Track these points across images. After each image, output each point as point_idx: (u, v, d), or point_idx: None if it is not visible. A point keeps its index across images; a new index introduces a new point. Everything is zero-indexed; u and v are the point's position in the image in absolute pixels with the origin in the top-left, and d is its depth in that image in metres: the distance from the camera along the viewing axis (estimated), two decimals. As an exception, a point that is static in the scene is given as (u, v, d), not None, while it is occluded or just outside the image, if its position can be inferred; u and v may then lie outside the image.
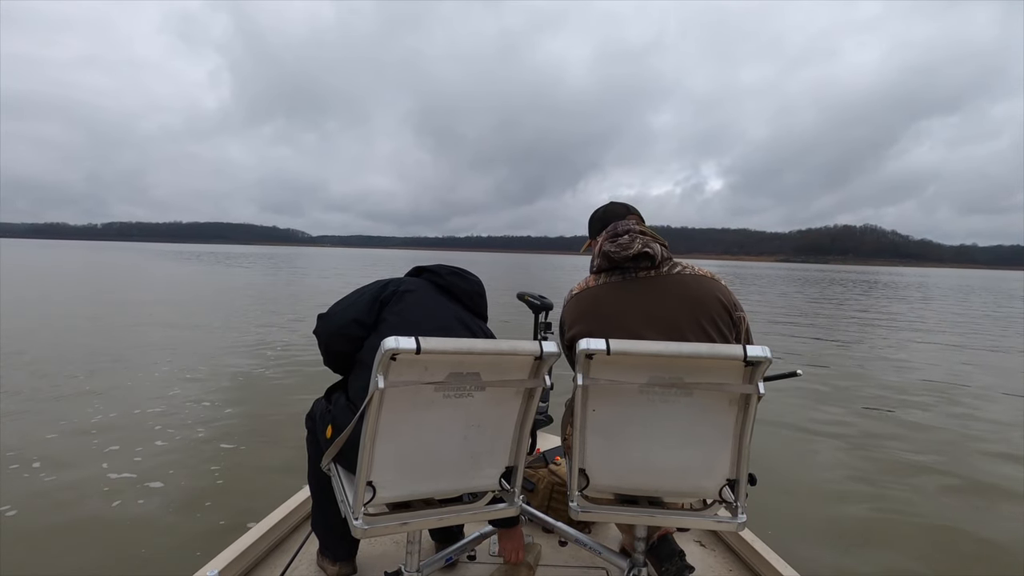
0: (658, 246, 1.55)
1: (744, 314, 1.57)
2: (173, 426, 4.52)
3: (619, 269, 1.57)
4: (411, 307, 1.56)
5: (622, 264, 1.56)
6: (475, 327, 1.64)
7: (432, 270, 1.73)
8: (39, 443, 4.03)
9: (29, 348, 7.33)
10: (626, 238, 1.56)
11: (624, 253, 1.53)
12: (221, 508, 3.17)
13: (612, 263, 1.57)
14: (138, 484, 3.43)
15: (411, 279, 1.70)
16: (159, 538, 2.82)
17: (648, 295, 1.52)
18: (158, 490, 3.37)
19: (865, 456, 4.47)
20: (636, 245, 1.53)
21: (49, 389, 5.49)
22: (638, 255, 1.53)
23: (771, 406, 5.62)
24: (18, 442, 4.03)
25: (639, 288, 1.53)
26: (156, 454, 3.93)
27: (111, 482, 3.45)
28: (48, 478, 3.47)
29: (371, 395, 1.11)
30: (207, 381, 6.12)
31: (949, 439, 5.00)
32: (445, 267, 1.74)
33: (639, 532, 1.53)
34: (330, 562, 1.78)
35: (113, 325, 9.74)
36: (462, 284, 1.69)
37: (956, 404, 6.27)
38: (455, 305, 1.65)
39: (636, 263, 1.55)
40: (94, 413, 4.74)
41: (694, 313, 1.48)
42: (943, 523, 3.36)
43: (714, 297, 1.51)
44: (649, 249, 1.53)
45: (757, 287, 30.94)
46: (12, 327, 8.87)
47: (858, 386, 7.06)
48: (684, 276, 1.54)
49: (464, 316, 1.64)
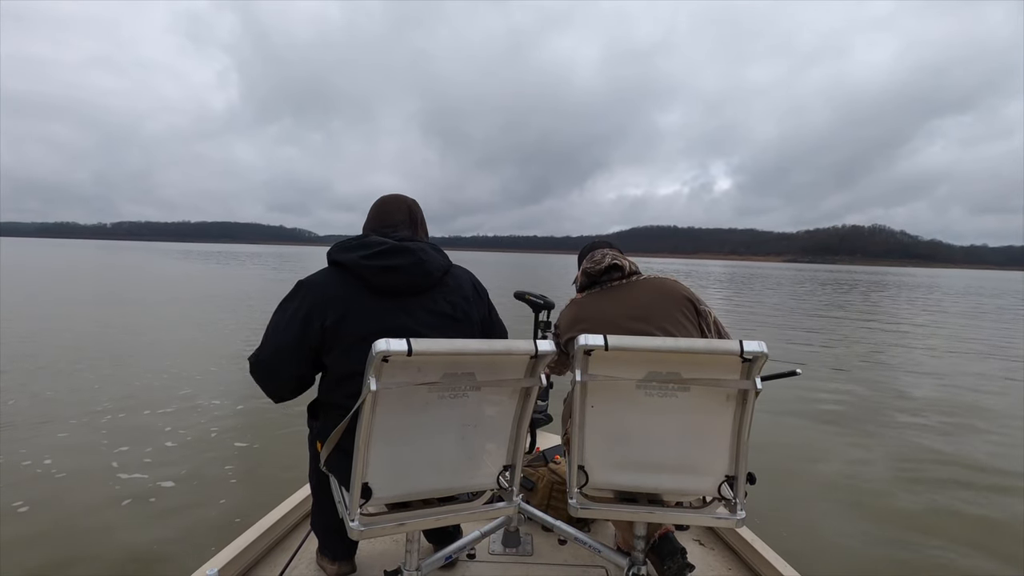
0: (626, 262, 1.87)
1: (708, 308, 1.82)
2: (185, 426, 4.57)
3: (597, 283, 1.87)
4: (354, 342, 1.39)
5: (599, 278, 1.86)
6: (447, 308, 1.52)
7: (354, 271, 1.47)
8: (51, 441, 4.09)
9: (39, 349, 7.41)
10: (598, 256, 1.90)
11: (598, 267, 1.86)
12: (235, 506, 3.20)
13: (590, 278, 1.88)
14: (151, 483, 3.48)
15: (334, 293, 1.45)
16: (173, 536, 2.86)
17: (625, 297, 1.80)
18: (169, 489, 3.41)
19: (866, 456, 4.46)
20: (607, 260, 1.86)
21: (60, 386, 5.55)
22: (609, 267, 1.85)
23: (772, 405, 5.62)
24: (31, 439, 4.09)
25: (616, 293, 1.82)
26: (167, 453, 3.97)
27: (122, 481, 3.50)
28: (59, 475, 3.52)
29: (363, 397, 1.10)
30: (218, 379, 6.18)
31: (949, 438, 4.98)
32: (368, 263, 1.46)
33: (639, 530, 1.54)
34: (329, 561, 1.77)
35: (124, 324, 9.82)
36: (396, 280, 1.47)
37: (962, 405, 6.23)
38: (410, 300, 1.49)
39: (609, 275, 1.86)
40: (103, 412, 4.80)
41: (666, 306, 1.74)
42: (943, 523, 3.36)
43: (679, 294, 1.79)
44: (618, 262, 1.85)
45: (754, 289, 30.73)
46: (27, 328, 8.97)
47: (858, 385, 7.04)
48: (650, 279, 1.85)
49: (428, 307, 1.49)
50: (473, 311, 1.60)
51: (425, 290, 1.51)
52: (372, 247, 1.48)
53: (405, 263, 1.47)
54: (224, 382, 6.07)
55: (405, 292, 1.49)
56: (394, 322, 1.44)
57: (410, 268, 1.48)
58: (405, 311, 1.47)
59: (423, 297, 1.51)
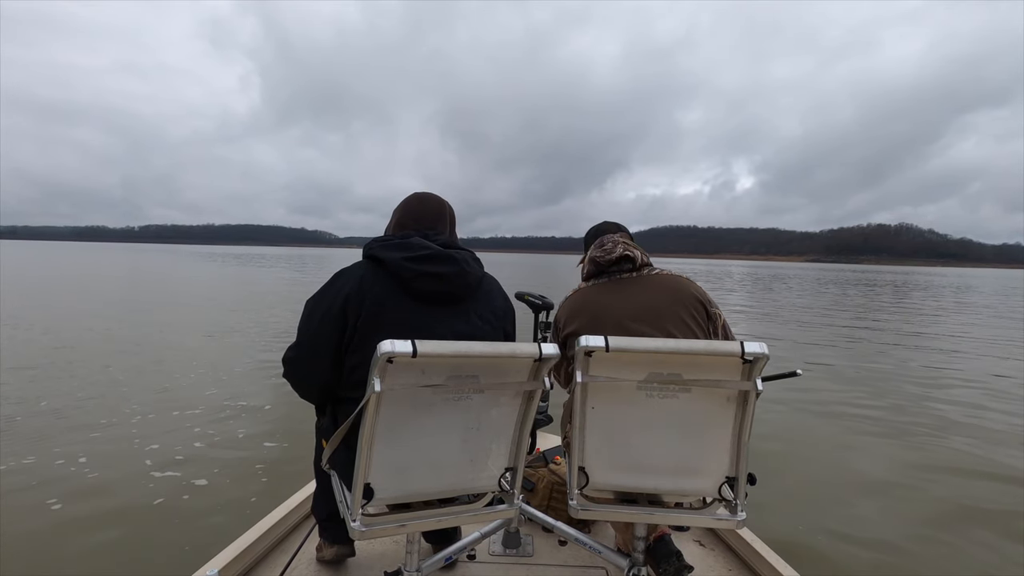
0: (637, 251, 1.76)
1: (719, 311, 1.73)
2: (213, 425, 4.68)
3: (605, 273, 1.77)
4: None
5: (607, 268, 1.76)
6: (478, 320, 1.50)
7: (393, 270, 1.44)
8: (84, 440, 4.23)
9: (77, 352, 7.62)
10: (609, 245, 1.78)
11: (608, 257, 1.74)
12: (266, 505, 3.26)
13: (599, 268, 1.77)
14: (183, 481, 3.57)
15: (370, 288, 1.42)
16: (203, 533, 2.92)
17: (632, 292, 1.70)
18: (203, 488, 3.49)
19: (867, 456, 4.42)
20: (618, 250, 1.74)
21: (90, 388, 5.72)
22: (620, 258, 1.74)
23: (773, 406, 5.57)
24: (64, 438, 4.24)
25: (623, 287, 1.72)
26: (198, 452, 4.07)
27: (155, 480, 3.59)
28: (92, 474, 3.63)
29: (367, 399, 1.10)
30: (246, 379, 6.33)
31: (952, 438, 4.90)
32: (411, 266, 1.43)
33: (639, 531, 1.54)
34: (328, 544, 1.78)
35: (152, 327, 9.99)
36: (437, 287, 1.45)
37: (969, 403, 6.13)
38: (445, 308, 1.47)
39: (619, 266, 1.75)
40: (133, 413, 4.94)
41: (674, 307, 1.65)
42: (944, 523, 3.32)
43: (690, 294, 1.69)
44: (629, 252, 1.73)
45: (773, 289, 30.19)
46: (56, 329, 9.20)
47: (860, 386, 6.96)
48: (662, 276, 1.74)
49: (463, 316, 1.48)
50: (501, 325, 1.60)
51: (461, 300, 1.50)
52: (415, 249, 1.45)
53: (449, 272, 1.46)
54: (250, 383, 6.21)
55: (442, 300, 1.47)
56: (428, 328, 1.43)
57: (452, 277, 1.46)
58: (439, 318, 1.46)
59: (458, 307, 1.50)
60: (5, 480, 3.50)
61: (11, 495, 3.29)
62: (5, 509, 3.12)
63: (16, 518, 3.03)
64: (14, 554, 2.70)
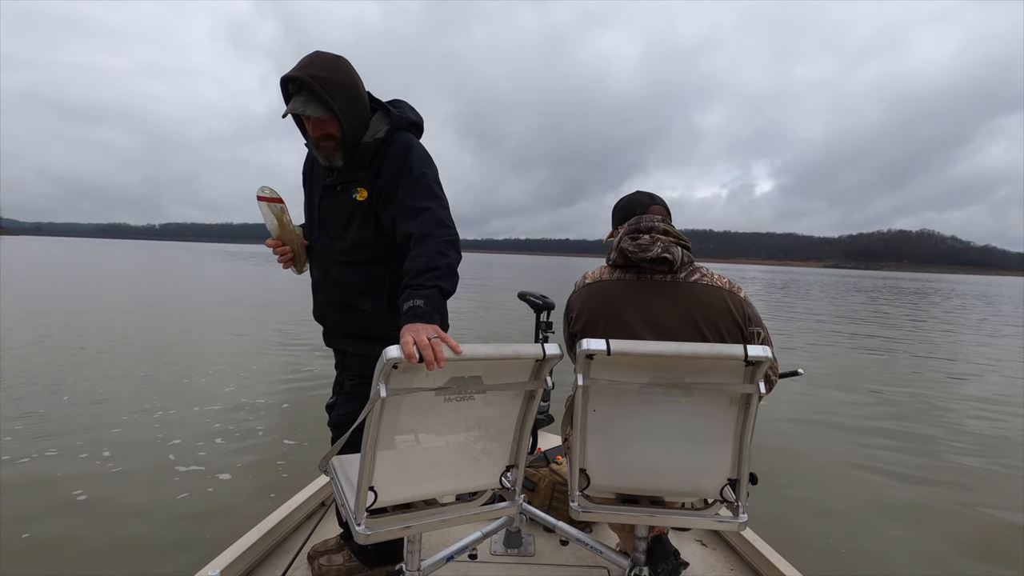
0: (679, 250, 1.50)
1: (762, 330, 1.49)
2: (233, 422, 4.78)
3: (635, 268, 1.54)
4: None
5: (639, 264, 1.51)
6: None
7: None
8: (107, 434, 4.35)
9: (99, 349, 7.78)
10: (647, 238, 1.50)
11: (642, 255, 1.49)
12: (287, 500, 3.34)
13: (629, 261, 1.53)
14: (208, 475, 3.65)
15: None
16: (224, 530, 2.96)
17: (656, 299, 1.49)
18: (227, 482, 3.58)
19: (868, 457, 4.40)
20: (656, 248, 1.48)
21: (113, 385, 5.87)
22: (656, 259, 1.48)
23: (774, 406, 5.54)
24: (88, 432, 4.37)
25: (650, 291, 1.51)
26: (220, 448, 4.16)
27: (180, 474, 3.68)
28: (115, 468, 3.73)
29: (372, 403, 1.09)
30: (265, 377, 6.45)
31: (956, 441, 4.88)
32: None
33: (640, 532, 1.53)
34: (347, 557, 1.78)
35: (172, 324, 10.15)
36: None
37: (974, 410, 6.07)
38: None
39: (653, 266, 1.50)
40: (154, 409, 5.07)
41: (698, 325, 1.45)
42: (945, 523, 3.31)
43: (725, 310, 1.46)
44: (668, 255, 1.48)
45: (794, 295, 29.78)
46: (78, 326, 9.38)
47: (861, 385, 6.95)
48: (699, 286, 1.49)
49: None
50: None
51: None
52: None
53: None
54: (267, 380, 6.33)
55: None
56: None
57: None
58: None
59: None
60: (29, 470, 3.62)
61: (36, 487, 3.39)
62: (29, 501, 3.22)
63: (41, 510, 3.12)
64: (40, 544, 2.79)
